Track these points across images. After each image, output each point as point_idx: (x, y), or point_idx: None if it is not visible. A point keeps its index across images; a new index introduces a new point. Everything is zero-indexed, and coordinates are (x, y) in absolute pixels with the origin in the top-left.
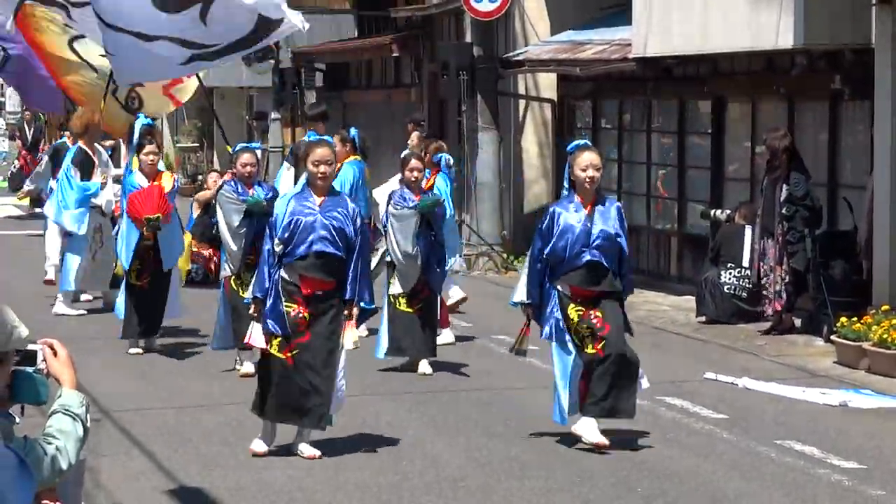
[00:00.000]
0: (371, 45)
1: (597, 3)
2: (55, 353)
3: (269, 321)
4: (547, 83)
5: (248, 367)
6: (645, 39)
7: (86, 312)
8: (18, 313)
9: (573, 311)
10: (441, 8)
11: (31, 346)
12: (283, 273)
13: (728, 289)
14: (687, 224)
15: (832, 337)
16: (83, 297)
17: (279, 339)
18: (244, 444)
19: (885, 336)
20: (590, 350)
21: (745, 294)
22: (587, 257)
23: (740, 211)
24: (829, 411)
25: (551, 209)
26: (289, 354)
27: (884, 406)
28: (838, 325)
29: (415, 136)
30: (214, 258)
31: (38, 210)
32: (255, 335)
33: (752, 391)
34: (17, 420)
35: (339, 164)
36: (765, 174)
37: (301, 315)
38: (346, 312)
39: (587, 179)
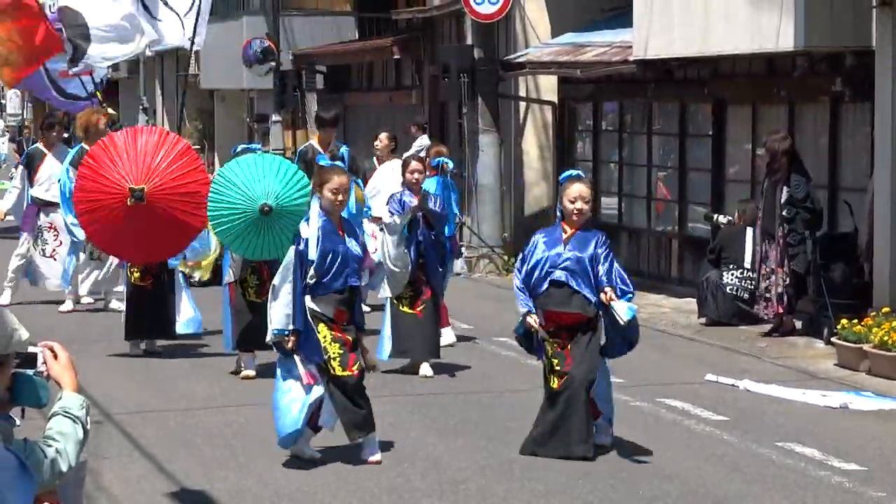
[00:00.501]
0: (372, 47)
1: (597, 5)
2: (56, 356)
3: (305, 353)
4: (548, 85)
5: (250, 370)
6: (646, 41)
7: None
8: (19, 316)
9: (548, 345)
10: (442, 10)
11: (31, 349)
12: (312, 304)
13: (730, 290)
14: (688, 226)
15: (833, 339)
16: (84, 299)
17: (337, 358)
18: (246, 446)
19: (885, 338)
20: (553, 384)
21: (746, 295)
22: (553, 276)
23: (740, 210)
24: (829, 413)
25: (535, 236)
26: (354, 369)
27: (884, 408)
28: (839, 327)
29: (383, 136)
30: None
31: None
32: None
33: (753, 393)
34: (18, 422)
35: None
36: (765, 176)
37: (344, 338)
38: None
39: (575, 212)
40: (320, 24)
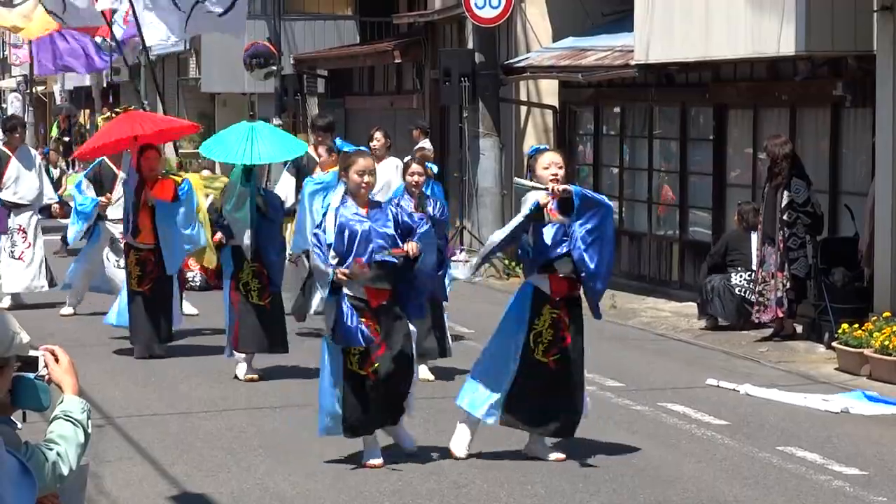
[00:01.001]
0: (373, 51)
1: (598, 9)
2: (57, 360)
3: (344, 337)
4: (548, 89)
5: (246, 370)
6: (647, 46)
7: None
8: (20, 320)
9: (547, 312)
10: (443, 14)
11: (32, 353)
12: (346, 289)
13: (739, 291)
14: (689, 230)
15: (833, 343)
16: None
17: (357, 355)
18: (247, 450)
19: (886, 343)
20: (540, 357)
21: (754, 297)
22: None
23: (738, 213)
24: (830, 418)
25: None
26: (370, 370)
27: (885, 412)
28: (839, 331)
29: (379, 134)
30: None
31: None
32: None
33: (754, 397)
34: (20, 426)
35: (327, 172)
36: (766, 181)
37: (373, 328)
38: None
39: (551, 177)
40: (322, 28)
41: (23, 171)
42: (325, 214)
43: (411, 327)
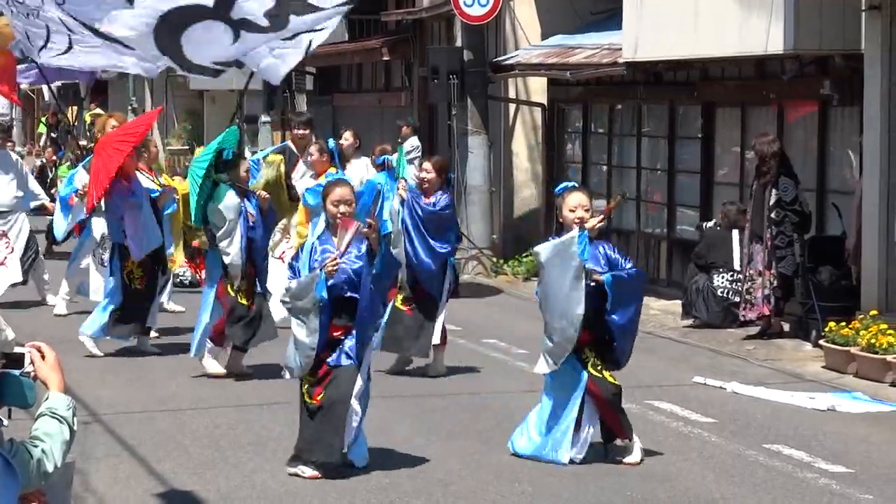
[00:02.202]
0: (361, 48)
1: (587, 7)
2: (43, 357)
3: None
4: (537, 87)
5: (215, 366)
6: (635, 44)
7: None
8: (5, 317)
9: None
10: (431, 12)
11: (18, 349)
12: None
13: (721, 292)
14: (676, 228)
15: (820, 342)
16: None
17: (306, 384)
18: (234, 447)
19: (872, 341)
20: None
21: (737, 298)
22: None
23: (722, 212)
24: (817, 415)
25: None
26: (318, 398)
27: (871, 410)
28: (826, 329)
29: (348, 134)
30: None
31: None
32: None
33: (741, 395)
34: (5, 423)
35: (320, 175)
36: (754, 179)
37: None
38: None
39: (576, 220)
40: None
41: (1, 176)
42: (303, 247)
43: (359, 380)
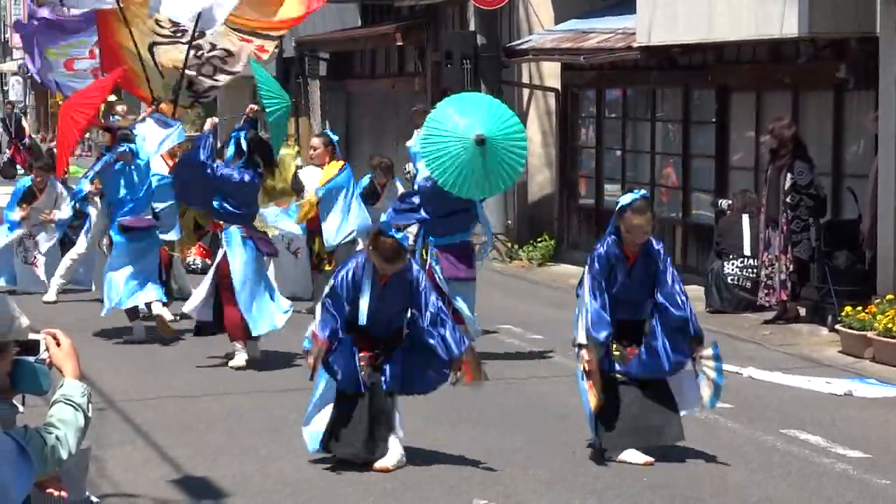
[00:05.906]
0: (375, 34)
1: None
2: (58, 343)
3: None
4: (551, 72)
5: (240, 359)
6: (649, 28)
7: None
8: (19, 304)
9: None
10: None
11: (33, 336)
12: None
13: (732, 280)
14: (692, 213)
15: (837, 326)
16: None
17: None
18: (247, 433)
19: (889, 325)
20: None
21: (749, 284)
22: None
23: (734, 201)
24: (833, 400)
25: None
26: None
27: (888, 395)
28: (843, 314)
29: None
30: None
31: None
32: None
33: (757, 380)
34: (21, 409)
35: (323, 166)
36: (769, 163)
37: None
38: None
39: (628, 241)
40: (323, 11)
41: None
42: (342, 283)
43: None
